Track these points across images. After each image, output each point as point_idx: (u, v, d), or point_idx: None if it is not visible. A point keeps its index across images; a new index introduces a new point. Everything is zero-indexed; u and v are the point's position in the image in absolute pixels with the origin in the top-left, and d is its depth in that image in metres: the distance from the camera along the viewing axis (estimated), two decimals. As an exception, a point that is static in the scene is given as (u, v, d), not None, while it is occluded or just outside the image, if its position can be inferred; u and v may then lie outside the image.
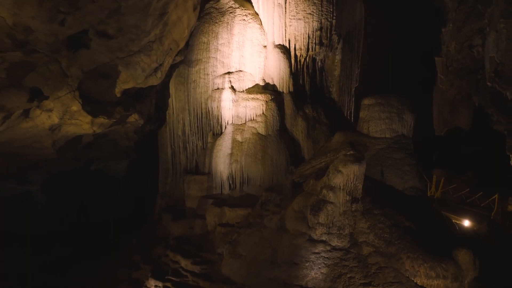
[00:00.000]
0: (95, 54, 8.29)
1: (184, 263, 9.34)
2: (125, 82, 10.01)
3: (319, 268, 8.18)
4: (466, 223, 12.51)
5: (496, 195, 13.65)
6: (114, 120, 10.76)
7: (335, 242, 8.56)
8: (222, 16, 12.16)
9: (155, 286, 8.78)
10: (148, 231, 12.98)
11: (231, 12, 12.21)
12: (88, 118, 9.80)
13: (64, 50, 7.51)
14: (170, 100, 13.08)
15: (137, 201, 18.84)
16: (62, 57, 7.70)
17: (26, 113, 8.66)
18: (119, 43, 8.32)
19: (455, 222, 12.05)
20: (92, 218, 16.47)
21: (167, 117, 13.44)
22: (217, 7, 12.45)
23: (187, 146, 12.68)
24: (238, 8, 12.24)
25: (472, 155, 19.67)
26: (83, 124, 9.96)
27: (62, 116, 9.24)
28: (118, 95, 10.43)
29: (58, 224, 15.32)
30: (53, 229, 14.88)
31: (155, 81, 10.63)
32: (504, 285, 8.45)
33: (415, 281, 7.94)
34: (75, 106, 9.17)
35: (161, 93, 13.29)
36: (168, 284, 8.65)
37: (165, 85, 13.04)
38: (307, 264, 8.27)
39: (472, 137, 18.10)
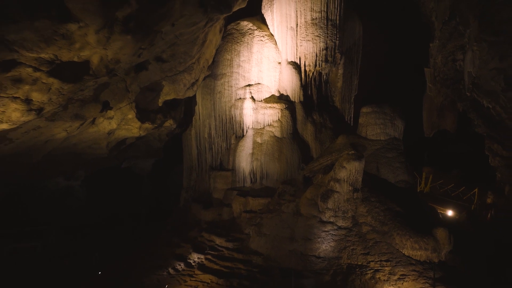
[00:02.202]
0: (151, 74, 10.43)
1: (219, 241, 11.52)
2: (167, 94, 12.17)
3: (328, 242, 10.36)
4: (450, 212, 14.50)
5: (476, 189, 15.73)
6: (156, 125, 12.91)
7: (341, 223, 10.74)
8: (243, 37, 14.30)
9: (198, 258, 10.93)
10: (177, 219, 15.01)
11: (250, 33, 14.36)
12: (138, 124, 11.95)
13: (132, 72, 9.67)
14: (196, 107, 15.21)
15: (157, 196, 21.02)
16: (129, 77, 9.86)
17: (93, 120, 10.80)
18: (170, 65, 10.46)
19: (441, 212, 14.09)
20: (120, 210, 18.55)
21: (193, 122, 15.55)
22: (238, 28, 14.59)
23: (213, 147, 14.81)
24: (256, 30, 14.39)
25: (457, 154, 21.67)
26: (133, 128, 12.10)
27: (119, 123, 11.39)
28: (160, 104, 12.59)
29: (94, 215, 17.43)
30: (90, 219, 16.97)
31: (191, 93, 12.78)
32: (472, 257, 10.61)
33: (403, 252, 10.08)
34: (131, 115, 11.33)
35: (188, 101, 15.42)
36: (209, 257, 10.81)
37: (191, 94, 15.13)
38: (319, 240, 10.45)
39: (457, 139, 20.09)
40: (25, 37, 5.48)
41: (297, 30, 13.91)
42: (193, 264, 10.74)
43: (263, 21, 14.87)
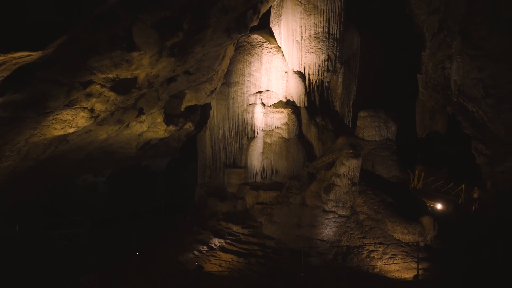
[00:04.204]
0: (179, 84, 12.16)
1: (235, 228, 13.27)
2: (189, 100, 13.90)
3: (331, 228, 12.11)
4: (439, 206, 16.10)
5: (463, 185, 17.38)
6: (178, 128, 14.63)
7: (341, 212, 12.46)
8: (253, 49, 16.03)
9: (218, 242, 12.68)
10: (194, 211, 16.69)
11: (260, 46, 16.08)
12: (164, 126, 13.67)
13: (165, 84, 11.42)
14: (211, 111, 16.93)
15: (171, 192, 22.74)
16: (161, 88, 11.61)
17: (128, 124, 12.53)
18: (195, 77, 12.20)
19: (430, 206, 15.73)
20: (139, 205, 20.21)
21: (208, 124, 17.25)
22: (248, 41, 16.30)
23: (226, 147, 16.54)
24: (265, 42, 16.11)
25: (448, 153, 23.34)
26: (159, 131, 13.81)
27: (149, 126, 13.12)
28: (182, 109, 14.33)
29: (116, 209, 19.13)
30: (112, 213, 18.66)
31: (210, 99, 14.53)
32: (454, 242, 12.28)
33: (394, 236, 11.78)
34: (159, 119, 13.06)
35: (203, 106, 17.10)
36: (228, 241, 12.57)
37: (205, 99, 16.79)
38: (322, 226, 12.19)
39: (448, 139, 21.70)
40: (103, 64, 7.22)
41: (302, 43, 15.65)
42: (214, 247, 12.49)
43: (271, 34, 16.59)
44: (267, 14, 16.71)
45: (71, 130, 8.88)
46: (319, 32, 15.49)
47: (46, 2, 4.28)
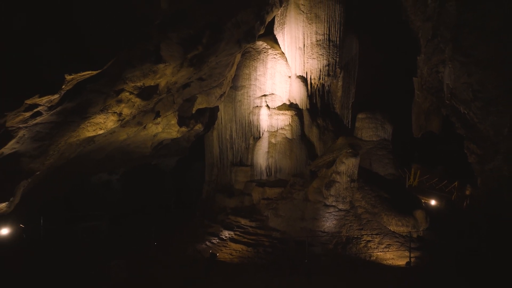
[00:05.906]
0: (192, 89, 13.25)
1: (243, 221, 14.38)
2: (200, 103, 15.00)
3: (331, 221, 13.21)
4: (433, 202, 17.13)
5: (456, 183, 18.40)
6: (189, 129, 15.72)
7: (341, 206, 13.57)
8: (259, 55, 17.11)
9: (228, 234, 13.78)
10: (203, 207, 17.77)
11: (265, 52, 17.16)
12: (177, 128, 14.75)
13: (181, 89, 12.52)
14: (219, 113, 18.01)
15: (179, 189, 23.83)
16: (177, 93, 12.71)
17: (145, 126, 13.62)
18: (207, 83, 13.29)
19: (425, 202, 16.77)
20: (149, 201, 21.31)
21: (216, 125, 18.31)
22: (254, 47, 17.36)
23: (233, 146, 17.63)
24: (270, 49, 17.19)
25: (442, 152, 24.34)
26: (173, 132, 14.91)
27: (164, 127, 14.23)
28: (193, 112, 15.43)
29: (128, 205, 20.23)
30: (125, 208, 19.77)
31: (219, 103, 15.61)
32: (445, 234, 13.32)
33: (389, 228, 12.92)
34: (173, 121, 14.16)
35: (211, 108, 18.16)
36: (237, 232, 13.67)
37: (213, 102, 17.84)
38: (323, 219, 13.30)
39: (443, 139, 22.66)
40: (135, 74, 8.32)
41: (304, 50, 16.74)
42: (225, 238, 13.61)
43: (275, 41, 17.67)
44: (271, 22, 17.76)
45: (101, 131, 9.97)
46: (320, 40, 16.58)
47: (104, 32, 5.34)
